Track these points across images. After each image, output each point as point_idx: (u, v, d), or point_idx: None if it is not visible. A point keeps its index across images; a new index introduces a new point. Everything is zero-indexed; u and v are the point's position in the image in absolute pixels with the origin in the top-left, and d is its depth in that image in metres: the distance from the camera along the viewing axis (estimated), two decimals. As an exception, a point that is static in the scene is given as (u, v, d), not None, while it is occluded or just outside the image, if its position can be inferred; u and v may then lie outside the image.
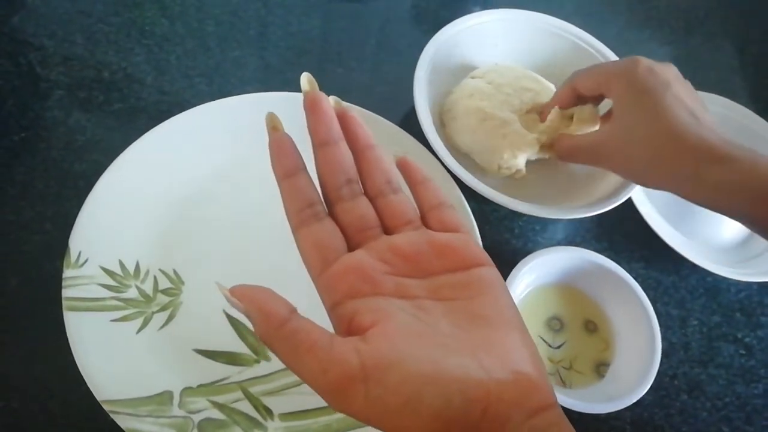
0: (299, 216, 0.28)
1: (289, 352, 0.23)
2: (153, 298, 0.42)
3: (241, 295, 0.24)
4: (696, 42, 0.67)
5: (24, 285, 0.43)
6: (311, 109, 0.28)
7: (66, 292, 0.40)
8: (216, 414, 0.39)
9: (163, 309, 0.42)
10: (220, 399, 0.40)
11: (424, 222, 0.29)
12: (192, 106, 0.48)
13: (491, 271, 0.27)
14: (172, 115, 0.47)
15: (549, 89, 0.52)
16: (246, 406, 0.40)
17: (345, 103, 0.31)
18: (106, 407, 0.37)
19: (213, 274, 0.44)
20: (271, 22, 0.58)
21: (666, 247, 0.48)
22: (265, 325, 0.23)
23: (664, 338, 0.43)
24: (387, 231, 0.29)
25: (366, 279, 0.26)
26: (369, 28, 0.61)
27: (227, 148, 0.48)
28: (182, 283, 0.43)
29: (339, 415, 0.40)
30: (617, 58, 0.53)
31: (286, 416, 0.40)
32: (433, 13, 0.63)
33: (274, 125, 0.28)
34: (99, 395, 0.37)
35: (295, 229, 0.28)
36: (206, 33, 0.57)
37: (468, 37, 0.54)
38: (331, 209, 0.29)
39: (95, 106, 0.51)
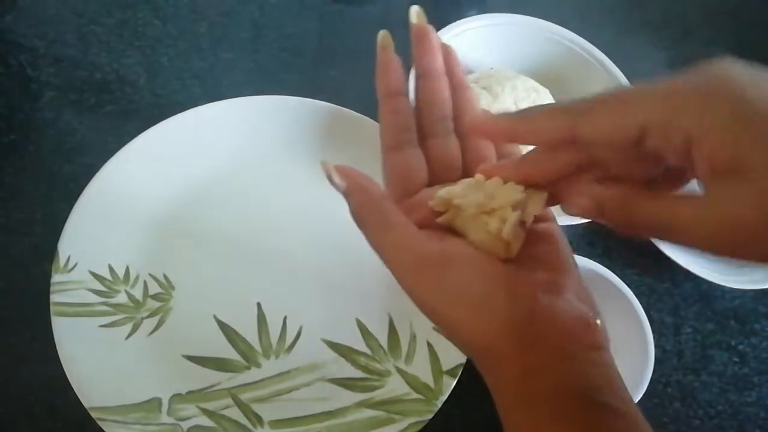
0: (393, 138, 0.28)
1: (379, 224, 0.24)
2: (143, 304, 0.42)
3: (344, 173, 0.25)
4: (691, 48, 0.67)
5: (11, 289, 0.42)
6: (419, 39, 0.29)
7: (54, 297, 0.39)
8: (205, 421, 0.38)
9: (152, 314, 0.42)
10: (210, 406, 0.39)
11: None
12: (184, 109, 0.47)
13: (554, 226, 0.28)
14: (165, 118, 0.46)
15: (544, 94, 0.52)
16: (236, 413, 0.39)
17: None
18: (93, 414, 0.36)
19: (204, 279, 0.43)
20: (265, 24, 0.58)
21: (660, 254, 0.48)
22: (364, 196, 0.25)
23: (657, 345, 0.43)
24: (467, 173, 0.29)
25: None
26: (364, 31, 0.60)
27: (220, 151, 0.47)
28: (172, 288, 0.43)
29: (329, 422, 0.39)
30: (612, 64, 0.53)
31: (276, 423, 0.39)
32: (428, 17, 0.63)
33: (384, 45, 0.29)
34: (87, 402, 0.36)
35: (386, 150, 0.28)
36: (199, 35, 0.56)
37: (463, 42, 0.53)
38: (422, 142, 0.29)
39: (86, 108, 0.50)
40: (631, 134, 0.21)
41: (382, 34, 0.29)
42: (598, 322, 0.24)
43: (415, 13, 0.29)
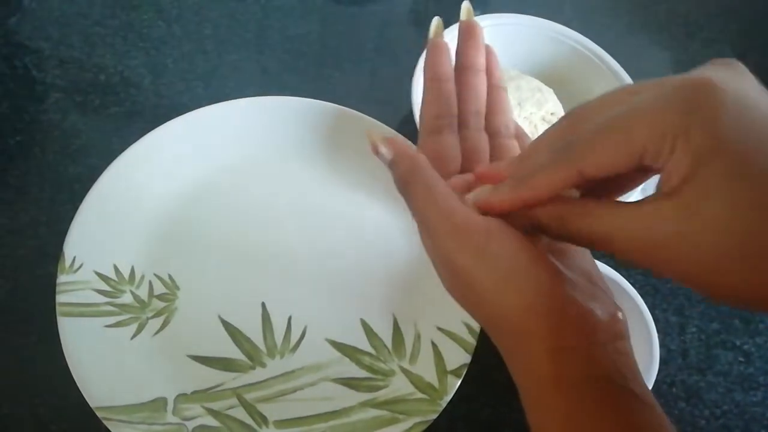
0: (434, 121, 0.29)
1: (424, 192, 0.24)
2: (148, 304, 0.42)
3: (390, 142, 0.25)
4: (696, 47, 0.67)
5: (18, 289, 0.42)
6: (467, 34, 0.30)
7: (60, 298, 0.39)
8: (210, 421, 0.39)
9: (158, 314, 0.42)
10: (215, 406, 0.39)
11: None
12: (189, 110, 0.47)
13: None
14: (169, 119, 0.47)
15: (548, 94, 0.52)
16: (241, 413, 0.39)
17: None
18: (99, 414, 0.36)
19: (208, 279, 0.44)
20: (269, 25, 0.58)
21: (665, 254, 0.48)
22: (410, 163, 0.25)
23: (662, 345, 0.43)
24: None
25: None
26: (367, 32, 0.60)
27: (225, 152, 0.47)
28: (177, 288, 0.43)
29: (333, 422, 0.39)
30: (616, 63, 0.53)
31: (281, 423, 0.39)
32: (431, 18, 0.63)
33: (437, 31, 0.30)
34: (92, 402, 0.36)
35: (426, 133, 0.29)
36: (203, 36, 0.56)
37: (466, 42, 0.53)
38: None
39: (91, 110, 0.50)
40: (633, 162, 0.21)
41: (436, 21, 0.30)
42: (620, 315, 0.24)
43: (465, 10, 0.31)
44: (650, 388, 0.40)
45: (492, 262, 0.23)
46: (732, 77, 0.20)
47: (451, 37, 0.51)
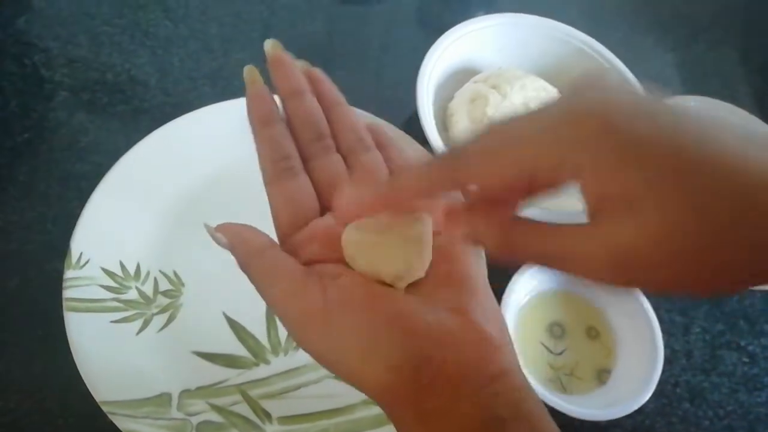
0: (273, 169, 0.27)
1: (263, 278, 0.24)
2: (153, 300, 0.42)
3: (224, 229, 0.25)
4: (701, 49, 0.67)
5: (25, 285, 0.43)
6: (275, 64, 0.29)
7: (67, 293, 0.40)
8: (214, 417, 0.39)
9: (163, 311, 0.42)
10: (219, 402, 0.39)
11: None
12: (195, 108, 0.48)
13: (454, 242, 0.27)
14: (175, 117, 0.47)
15: (553, 93, 0.52)
16: (245, 409, 0.40)
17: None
18: (104, 408, 0.36)
19: (213, 276, 0.44)
20: (275, 24, 0.59)
21: (669, 254, 0.48)
22: (245, 248, 0.25)
23: (666, 345, 0.43)
24: None
25: (334, 248, 0.25)
26: (373, 31, 0.61)
27: (230, 150, 0.48)
28: (182, 285, 0.43)
29: (337, 419, 0.39)
30: (621, 64, 0.53)
31: (285, 420, 0.39)
32: (436, 17, 0.63)
33: (253, 79, 0.28)
34: (98, 396, 0.37)
35: (268, 183, 0.27)
36: (210, 35, 0.57)
37: (471, 41, 0.54)
38: (305, 166, 0.28)
39: (98, 108, 0.51)
40: (520, 183, 0.20)
41: (248, 69, 0.29)
42: (505, 342, 0.23)
43: (270, 45, 0.29)
44: (654, 388, 0.40)
45: (338, 344, 0.22)
46: (611, 91, 0.20)
47: (452, 39, 0.52)
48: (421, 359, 0.22)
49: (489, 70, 0.53)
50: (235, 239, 0.25)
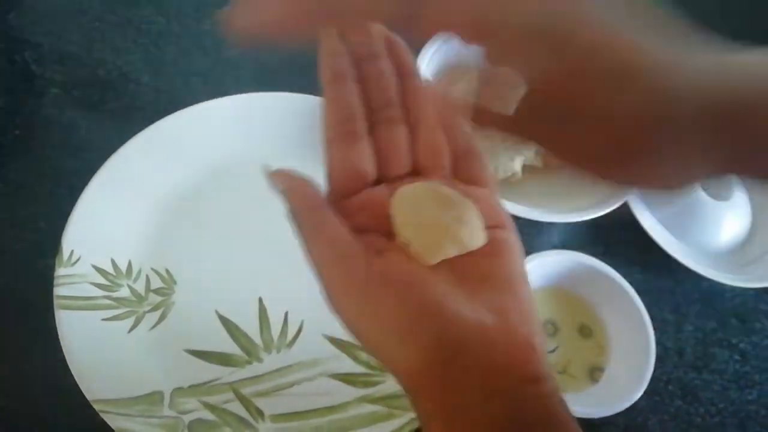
0: (335, 130, 0.26)
1: (312, 236, 0.24)
2: (145, 298, 0.42)
3: (281, 176, 0.25)
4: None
5: (16, 283, 0.42)
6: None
7: (58, 291, 0.39)
8: (207, 415, 0.39)
9: (154, 308, 0.42)
10: (211, 400, 0.39)
11: (453, 169, 0.27)
12: (187, 106, 0.47)
13: (507, 234, 0.26)
14: (167, 115, 0.47)
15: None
16: (237, 407, 0.39)
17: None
18: (96, 407, 0.36)
19: (205, 273, 0.44)
20: (269, 22, 0.58)
21: (662, 252, 0.48)
22: (298, 201, 0.24)
23: (658, 343, 0.43)
24: (417, 166, 0.27)
25: (383, 220, 0.25)
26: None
27: (222, 147, 0.48)
28: (174, 282, 0.43)
29: (330, 417, 0.39)
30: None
31: (278, 417, 0.39)
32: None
33: (328, 35, 0.27)
34: (89, 394, 0.37)
35: (329, 142, 0.26)
36: (202, 32, 0.56)
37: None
38: (368, 130, 0.27)
39: (90, 105, 0.51)
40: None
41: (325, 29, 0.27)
42: (539, 347, 0.23)
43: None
44: (646, 385, 0.40)
45: (376, 319, 0.22)
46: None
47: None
48: (454, 352, 0.21)
49: (484, 67, 0.53)
50: (291, 189, 0.25)
